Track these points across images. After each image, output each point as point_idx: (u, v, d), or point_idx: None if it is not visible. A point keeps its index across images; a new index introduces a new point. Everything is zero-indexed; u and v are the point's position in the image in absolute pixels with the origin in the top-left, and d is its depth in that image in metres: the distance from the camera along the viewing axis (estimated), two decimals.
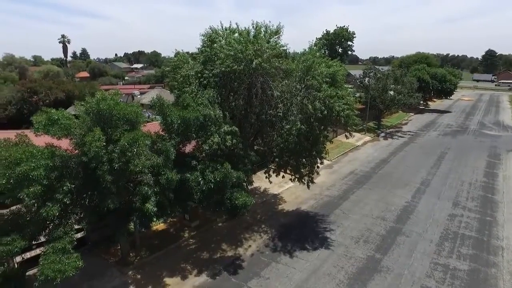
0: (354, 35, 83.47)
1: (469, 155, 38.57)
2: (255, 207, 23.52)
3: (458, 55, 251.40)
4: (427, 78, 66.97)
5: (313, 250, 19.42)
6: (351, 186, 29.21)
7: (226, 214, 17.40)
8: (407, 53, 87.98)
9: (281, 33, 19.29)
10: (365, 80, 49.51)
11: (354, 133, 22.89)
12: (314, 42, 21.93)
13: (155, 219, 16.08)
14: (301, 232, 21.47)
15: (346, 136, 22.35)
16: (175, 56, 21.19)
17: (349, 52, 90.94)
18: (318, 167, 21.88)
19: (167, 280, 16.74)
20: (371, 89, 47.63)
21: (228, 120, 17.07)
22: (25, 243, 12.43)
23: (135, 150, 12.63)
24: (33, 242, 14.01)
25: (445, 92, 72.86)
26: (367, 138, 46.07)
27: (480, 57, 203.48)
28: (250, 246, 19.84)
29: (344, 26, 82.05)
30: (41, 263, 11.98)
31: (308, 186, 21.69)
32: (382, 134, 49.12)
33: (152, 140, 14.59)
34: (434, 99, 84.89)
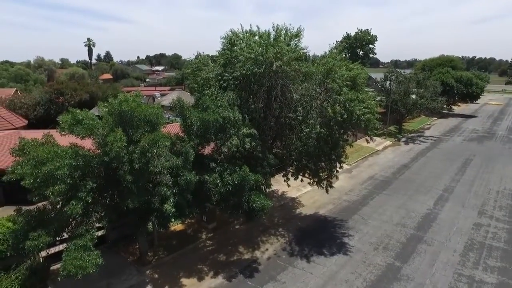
0: (376, 38, 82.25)
1: (497, 162, 37.07)
2: (272, 210, 23.39)
3: (485, 58, 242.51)
4: (452, 82, 64.94)
5: (331, 256, 19.12)
6: (371, 191, 28.63)
7: (244, 216, 17.37)
8: (430, 56, 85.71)
9: (301, 36, 19.18)
10: (386, 84, 48.54)
11: (374, 138, 22.41)
12: (334, 45, 21.72)
13: (173, 220, 16.22)
14: (319, 236, 21.19)
15: (366, 140, 21.94)
16: (195, 59, 21.44)
17: (371, 55, 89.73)
18: (337, 171, 21.58)
19: (184, 280, 16.87)
20: (392, 92, 46.64)
21: (247, 123, 17.08)
22: (50, 239, 12.81)
23: (154, 151, 12.81)
24: (57, 238, 14.46)
25: (471, 96, 70.44)
26: (388, 142, 45.11)
27: (510, 60, 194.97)
28: (267, 249, 19.74)
29: (366, 30, 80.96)
30: (64, 258, 12.33)
31: (327, 191, 21.43)
32: (403, 139, 47.97)
33: (172, 142, 14.75)
34: (459, 103, 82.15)
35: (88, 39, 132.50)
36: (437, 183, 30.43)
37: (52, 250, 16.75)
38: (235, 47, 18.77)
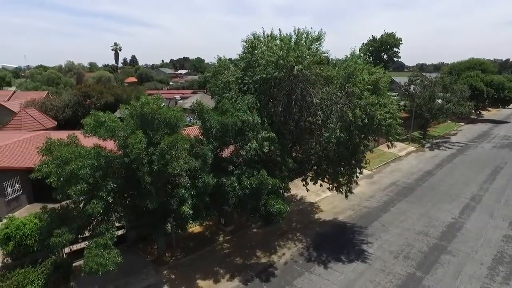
0: (400, 41, 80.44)
1: None
2: (290, 215, 23.22)
3: None
4: (481, 86, 62.40)
5: (349, 263, 18.72)
6: (392, 198, 27.87)
7: (261, 220, 17.33)
8: (458, 59, 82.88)
9: (322, 40, 19.02)
10: (410, 88, 47.23)
11: (396, 143, 21.84)
12: (356, 48, 21.43)
13: (191, 222, 16.40)
14: (337, 243, 20.82)
15: (387, 145, 21.41)
16: (217, 62, 21.69)
17: (395, 59, 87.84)
18: (357, 176, 21.16)
19: (200, 282, 16.99)
20: (416, 97, 45.33)
21: (267, 126, 17.07)
22: (72, 236, 13.30)
23: (173, 153, 13.02)
24: (79, 236, 14.96)
25: (503, 100, 67.50)
26: (411, 148, 43.83)
27: None
28: (284, 254, 19.59)
29: (391, 33, 79.31)
30: (85, 256, 12.75)
31: (346, 196, 21.04)
32: (428, 145, 46.46)
33: (191, 144, 14.95)
34: (489, 108, 78.91)
35: (115, 44, 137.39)
36: (463, 191, 29.24)
37: (75, 247, 17.33)
38: (256, 51, 18.86)
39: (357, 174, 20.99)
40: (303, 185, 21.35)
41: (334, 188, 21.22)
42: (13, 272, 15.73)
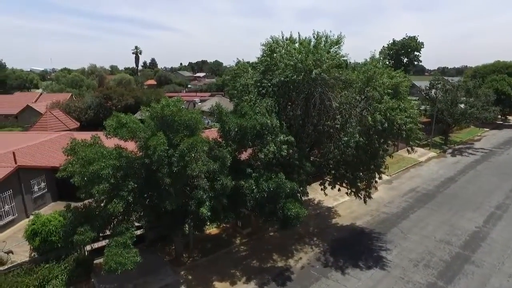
0: (422, 45, 78.76)
1: None
2: (308, 219, 23.03)
3: None
4: (508, 90, 60.12)
5: (367, 269, 18.40)
6: (412, 204, 27.23)
7: (278, 224, 17.31)
8: (483, 63, 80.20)
9: (342, 43, 18.92)
10: (431, 92, 46.13)
11: (417, 148, 21.35)
12: (376, 51, 21.19)
13: (208, 223, 16.60)
14: (355, 248, 20.51)
15: (407, 150, 20.98)
16: (235, 65, 21.88)
17: (416, 63, 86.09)
18: (376, 181, 20.85)
19: (217, 284, 17.09)
20: (438, 101, 44.21)
21: (285, 130, 17.07)
22: (94, 234, 13.67)
23: (193, 155, 13.21)
24: (100, 234, 15.36)
25: None
26: (432, 153, 42.73)
27: None
28: (300, 258, 19.46)
29: (414, 36, 77.75)
30: (105, 254, 13.07)
31: (365, 201, 20.77)
32: (450, 150, 45.16)
33: (210, 146, 15.12)
34: None
35: (136, 47, 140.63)
36: (488, 199, 28.24)
37: (96, 245, 17.77)
38: (275, 54, 18.92)
39: (376, 179, 20.69)
40: (321, 189, 21.18)
41: (352, 193, 20.96)
42: (39, 267, 16.36)
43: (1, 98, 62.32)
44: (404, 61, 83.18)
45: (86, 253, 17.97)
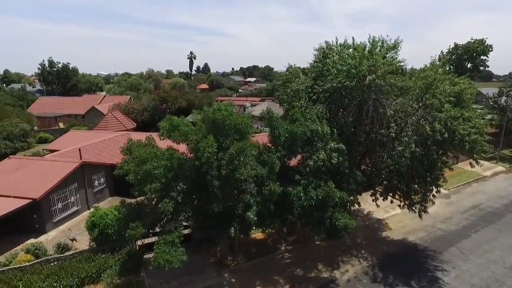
0: (490, 49, 72.27)
1: None
2: (356, 230, 22.03)
3: None
4: None
5: None
6: (474, 222, 24.88)
7: (325, 233, 16.79)
8: None
9: (399, 48, 17.97)
10: (500, 100, 42.02)
11: (481, 161, 19.44)
12: (436, 56, 19.85)
13: (254, 228, 16.58)
14: (406, 265, 19.22)
15: (470, 164, 19.19)
16: (287, 70, 21.79)
17: (481, 68, 79.28)
18: (433, 195, 19.39)
19: None
20: (508, 110, 40.15)
21: (336, 137, 16.57)
22: (145, 230, 14.34)
23: (242, 159, 13.31)
24: (150, 231, 16.10)
25: None
26: (500, 168, 38.81)
27: None
28: (347, 270, 18.69)
29: (481, 39, 71.59)
30: (155, 251, 13.62)
31: (420, 216, 19.46)
32: None
33: (259, 151, 15.14)
34: None
35: (191, 52, 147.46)
36: None
37: (146, 241, 18.67)
38: (328, 60, 18.52)
39: (434, 193, 19.26)
40: (373, 200, 20.22)
41: (405, 205, 19.75)
42: (97, 256, 17.69)
43: (72, 100, 69.06)
44: (468, 66, 77.03)
45: (137, 248, 18.94)
